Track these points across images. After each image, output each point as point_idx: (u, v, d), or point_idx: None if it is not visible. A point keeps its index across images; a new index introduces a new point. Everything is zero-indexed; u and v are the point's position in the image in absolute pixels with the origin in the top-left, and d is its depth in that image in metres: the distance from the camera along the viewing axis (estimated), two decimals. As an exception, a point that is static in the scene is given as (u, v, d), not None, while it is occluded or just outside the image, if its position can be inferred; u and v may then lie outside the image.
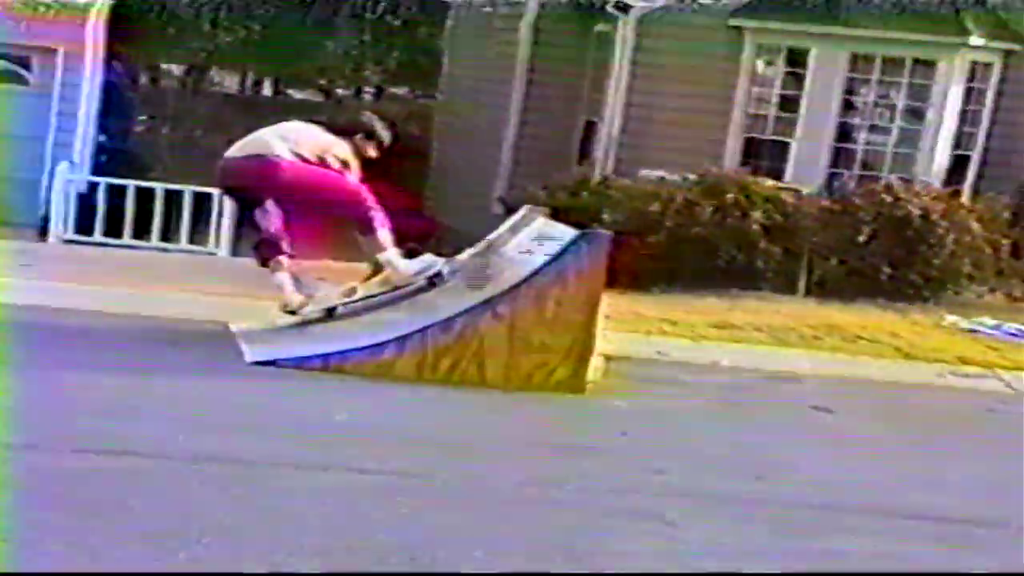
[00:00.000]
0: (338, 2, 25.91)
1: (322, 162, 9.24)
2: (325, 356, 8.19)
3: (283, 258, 9.21)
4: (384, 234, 9.15)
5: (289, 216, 9.24)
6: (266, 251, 9.27)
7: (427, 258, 9.31)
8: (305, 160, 9.18)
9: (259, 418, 7.12)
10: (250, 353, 8.31)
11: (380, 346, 8.20)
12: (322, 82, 26.11)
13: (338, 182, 9.24)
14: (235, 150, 9.38)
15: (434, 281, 9.05)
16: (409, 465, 6.49)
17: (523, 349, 8.22)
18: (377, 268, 9.36)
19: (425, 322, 8.30)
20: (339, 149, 9.34)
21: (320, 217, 9.37)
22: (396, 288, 9.13)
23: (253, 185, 9.22)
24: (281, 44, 25.51)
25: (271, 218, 9.19)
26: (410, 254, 9.39)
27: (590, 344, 8.36)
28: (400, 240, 9.34)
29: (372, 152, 9.56)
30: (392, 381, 8.08)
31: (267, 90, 28.27)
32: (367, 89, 26.84)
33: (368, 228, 9.14)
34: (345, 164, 9.32)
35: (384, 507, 5.85)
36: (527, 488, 6.37)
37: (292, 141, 9.26)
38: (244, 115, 20.68)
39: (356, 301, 9.20)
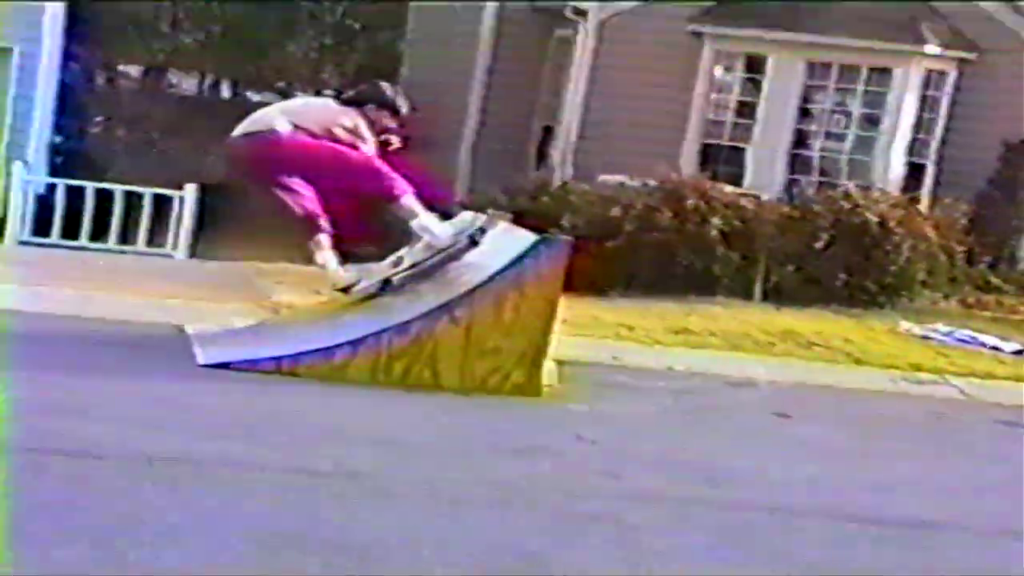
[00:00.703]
0: (299, 4, 25.87)
1: (331, 136, 8.79)
2: (278, 358, 8.15)
3: (323, 237, 8.78)
4: (409, 200, 8.73)
5: (325, 196, 8.81)
6: (305, 231, 8.85)
7: (466, 216, 9.08)
8: (312, 134, 8.77)
9: (211, 420, 7.08)
10: (203, 355, 8.27)
11: (333, 348, 8.18)
12: (281, 84, 26.04)
13: (344, 153, 8.77)
14: (238, 130, 8.95)
15: (476, 239, 8.77)
16: (362, 466, 6.48)
17: (478, 353, 8.22)
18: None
19: (380, 325, 8.28)
20: (346, 119, 8.85)
21: (346, 195, 8.87)
22: (440, 251, 8.86)
23: (256, 165, 8.87)
24: (241, 46, 25.47)
25: (301, 198, 8.73)
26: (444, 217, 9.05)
27: (545, 349, 8.37)
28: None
29: (388, 122, 9.03)
30: (346, 383, 8.06)
31: (225, 92, 28.23)
32: (326, 92, 26.79)
33: (390, 197, 8.72)
34: (355, 134, 8.82)
35: (336, 508, 5.84)
36: (481, 490, 6.37)
37: (294, 114, 8.91)
38: (201, 117, 20.66)
39: (405, 270, 8.97)
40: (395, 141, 9.10)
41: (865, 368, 10.68)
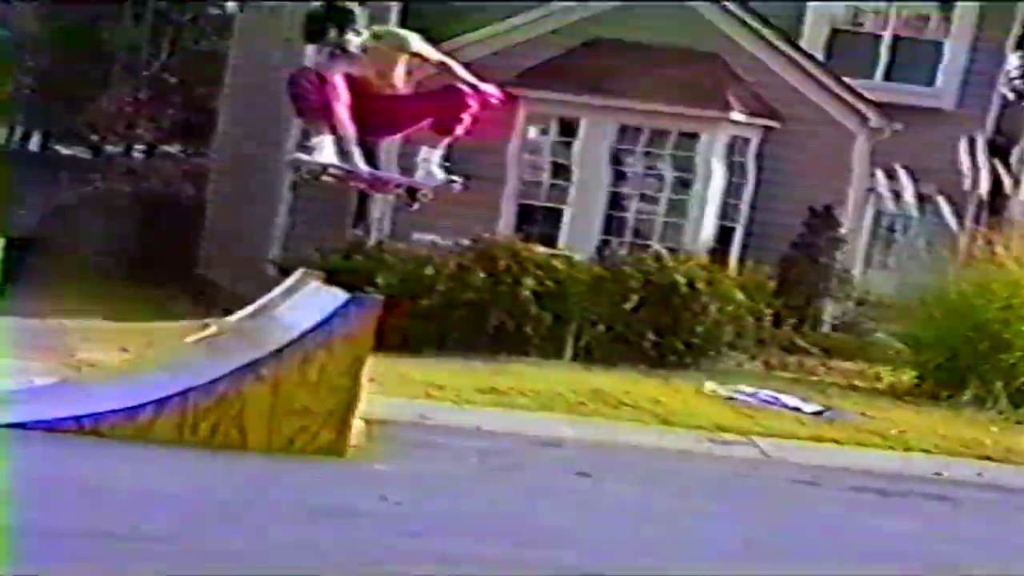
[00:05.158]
0: (112, 58, 25.54)
1: None
2: (78, 418, 7.97)
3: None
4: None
5: None
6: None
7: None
8: None
9: (7, 483, 6.88)
10: (-1, 415, 8.06)
11: (137, 408, 8.05)
12: (93, 138, 25.65)
13: None
14: None
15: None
16: (162, 530, 6.37)
17: (285, 412, 8.18)
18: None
19: (186, 384, 8.18)
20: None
21: None
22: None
23: None
24: (52, 98, 25.05)
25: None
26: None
27: (354, 408, 8.36)
28: None
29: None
30: (151, 443, 7.93)
31: (34, 145, 27.72)
32: (139, 146, 26.51)
33: None
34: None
35: (134, 574, 5.73)
36: (283, 552, 6.31)
37: None
38: (9, 170, 20.24)
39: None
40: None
41: (671, 428, 10.84)
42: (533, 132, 17.04)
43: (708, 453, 10.21)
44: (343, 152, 8.67)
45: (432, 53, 8.91)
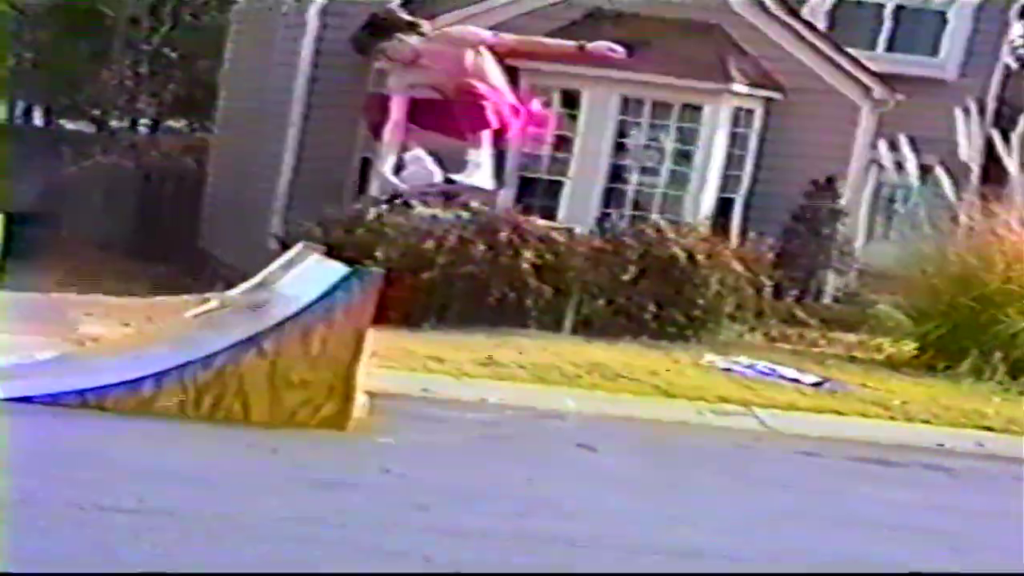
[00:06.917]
0: (113, 33, 25.50)
1: None
2: (82, 392, 8.01)
3: None
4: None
5: None
6: None
7: None
8: None
9: (9, 456, 6.92)
10: (4, 388, 8.08)
11: (138, 381, 8.08)
12: (96, 113, 25.62)
13: None
14: None
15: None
16: (167, 503, 6.40)
17: (285, 386, 8.21)
18: None
19: (184, 358, 8.21)
20: None
21: None
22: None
23: None
24: (53, 73, 25.03)
25: None
26: None
27: (354, 381, 8.39)
28: None
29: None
30: (155, 417, 7.97)
31: (38, 120, 27.71)
32: (143, 121, 26.50)
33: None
34: None
35: (137, 546, 5.76)
36: (287, 525, 6.35)
37: None
38: (12, 145, 20.24)
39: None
40: None
41: (672, 400, 10.85)
42: (536, 105, 17.00)
43: (708, 424, 10.23)
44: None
45: (504, 39, 8.71)
